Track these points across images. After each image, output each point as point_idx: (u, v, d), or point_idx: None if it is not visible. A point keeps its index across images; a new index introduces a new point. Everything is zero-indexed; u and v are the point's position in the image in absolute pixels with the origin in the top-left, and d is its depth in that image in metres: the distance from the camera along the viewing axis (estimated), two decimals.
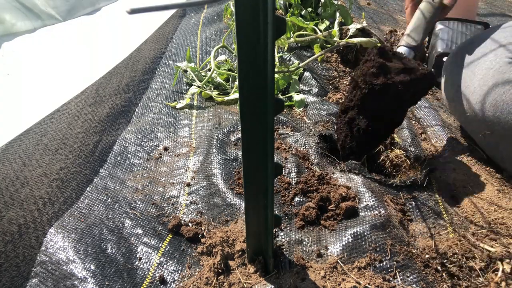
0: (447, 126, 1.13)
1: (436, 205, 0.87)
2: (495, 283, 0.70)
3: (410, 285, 0.68)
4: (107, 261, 0.78)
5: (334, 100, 1.28)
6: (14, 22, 1.89)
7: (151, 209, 0.91)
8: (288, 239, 0.79)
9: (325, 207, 0.85)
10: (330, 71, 1.42)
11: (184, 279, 0.75)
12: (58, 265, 0.78)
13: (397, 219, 0.82)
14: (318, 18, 1.59)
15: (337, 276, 0.70)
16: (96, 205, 0.93)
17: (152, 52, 1.67)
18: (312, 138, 1.06)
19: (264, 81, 0.48)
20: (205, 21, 1.96)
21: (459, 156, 1.02)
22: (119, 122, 1.25)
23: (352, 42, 1.33)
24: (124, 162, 1.08)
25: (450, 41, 1.38)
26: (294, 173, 0.93)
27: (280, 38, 1.36)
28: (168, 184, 1.00)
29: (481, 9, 2.16)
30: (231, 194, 0.92)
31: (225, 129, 1.14)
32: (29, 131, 1.16)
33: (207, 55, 1.64)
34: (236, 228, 0.82)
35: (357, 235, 0.76)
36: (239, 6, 0.42)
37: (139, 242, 0.82)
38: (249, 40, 0.44)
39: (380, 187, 0.91)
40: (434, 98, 1.32)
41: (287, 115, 1.21)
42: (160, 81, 1.49)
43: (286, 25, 1.45)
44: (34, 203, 0.91)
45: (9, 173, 0.99)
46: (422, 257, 0.74)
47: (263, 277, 0.71)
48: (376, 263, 0.71)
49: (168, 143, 1.15)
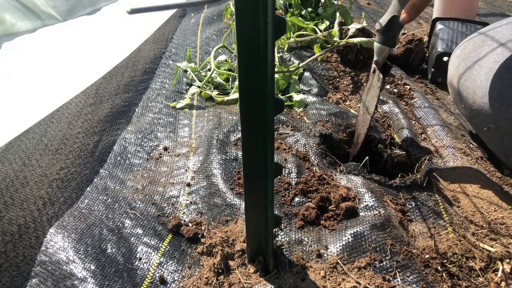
0: (447, 125, 1.13)
1: (436, 205, 0.87)
2: (495, 283, 0.70)
3: (410, 285, 0.68)
4: (107, 261, 0.78)
5: (334, 100, 1.28)
6: (14, 22, 1.89)
7: (151, 209, 0.91)
8: (288, 239, 0.79)
9: (325, 207, 0.85)
10: (330, 71, 1.42)
11: (184, 279, 0.75)
12: (58, 265, 0.77)
13: (397, 219, 0.82)
14: (318, 18, 1.59)
15: (337, 276, 0.70)
16: (96, 205, 0.93)
17: (152, 52, 1.67)
18: (313, 139, 1.06)
19: (264, 81, 0.48)
20: (205, 21, 1.96)
21: (459, 156, 1.02)
22: (119, 122, 1.25)
23: (352, 42, 1.33)
24: (124, 162, 1.08)
25: (450, 41, 1.38)
26: (294, 174, 0.93)
27: (280, 38, 1.36)
28: (168, 184, 1.00)
29: (481, 9, 2.16)
30: (231, 194, 0.92)
31: (225, 129, 1.14)
32: (29, 131, 1.16)
33: (207, 55, 1.64)
34: (236, 228, 0.82)
35: (357, 235, 0.76)
36: (239, 6, 0.42)
37: (139, 242, 0.82)
38: (249, 40, 0.44)
39: (380, 188, 0.91)
40: (434, 97, 1.32)
41: (287, 115, 1.21)
42: (160, 81, 1.49)
43: (286, 25, 1.45)
44: (34, 203, 0.91)
45: (9, 173, 0.99)
46: (422, 257, 0.74)
47: (263, 277, 0.71)
48: (376, 263, 0.71)
49: (168, 143, 1.15)
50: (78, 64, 1.61)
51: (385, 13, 0.92)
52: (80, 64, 1.61)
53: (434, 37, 1.46)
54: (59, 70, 1.58)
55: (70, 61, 1.65)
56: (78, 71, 1.55)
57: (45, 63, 1.64)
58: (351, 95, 1.31)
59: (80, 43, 1.81)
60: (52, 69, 1.58)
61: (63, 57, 1.68)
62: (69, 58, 1.67)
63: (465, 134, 1.12)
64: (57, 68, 1.59)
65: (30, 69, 1.59)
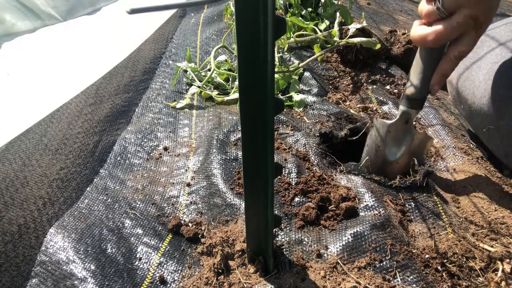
0: (447, 125, 1.13)
1: (436, 205, 0.87)
2: (495, 283, 0.70)
3: (410, 285, 0.68)
4: (107, 261, 0.78)
5: (334, 100, 1.28)
6: (14, 22, 1.89)
7: (151, 209, 0.91)
8: (288, 239, 0.79)
9: (325, 207, 0.85)
10: (330, 71, 1.42)
11: (184, 279, 0.75)
12: (58, 265, 0.78)
13: (397, 219, 0.82)
14: (318, 18, 1.59)
15: (337, 276, 0.70)
16: (96, 205, 0.93)
17: (152, 52, 1.67)
18: (313, 139, 1.06)
19: (264, 81, 0.48)
20: (205, 21, 1.95)
21: (459, 156, 1.02)
22: (119, 122, 1.25)
23: (352, 42, 1.33)
24: (124, 162, 1.08)
25: None
26: (294, 174, 0.93)
27: (280, 38, 1.36)
28: (168, 184, 1.00)
29: None
30: (231, 194, 0.92)
31: (225, 129, 1.14)
32: (29, 131, 1.16)
33: (207, 55, 1.64)
34: (236, 228, 0.82)
35: (357, 235, 0.76)
36: (239, 6, 0.42)
37: (139, 242, 0.82)
38: (249, 40, 0.44)
39: (380, 188, 0.91)
40: (434, 97, 1.32)
41: (287, 115, 1.21)
42: (160, 81, 1.49)
43: (286, 25, 1.45)
44: (34, 203, 0.91)
45: (9, 173, 0.99)
46: (422, 257, 0.74)
47: (263, 277, 0.71)
48: (376, 263, 0.71)
49: (168, 143, 1.15)
50: (78, 64, 1.61)
51: (411, 76, 0.84)
52: (80, 64, 1.61)
53: None
54: (59, 70, 1.58)
55: (70, 61, 1.65)
56: (78, 71, 1.55)
57: (45, 63, 1.64)
58: (351, 95, 1.31)
59: (80, 43, 1.81)
60: (52, 69, 1.58)
61: (63, 57, 1.68)
62: (69, 58, 1.67)
63: (465, 134, 1.12)
64: (57, 68, 1.59)
65: (30, 69, 1.59)
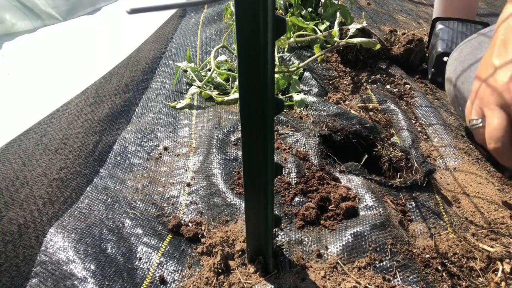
0: (447, 125, 1.13)
1: (436, 205, 0.87)
2: (495, 283, 0.70)
3: (410, 284, 0.68)
4: (107, 261, 0.78)
5: (334, 100, 1.28)
6: (14, 22, 1.89)
7: (151, 209, 0.91)
8: (288, 239, 0.79)
9: (325, 207, 0.85)
10: (330, 71, 1.42)
11: (184, 279, 0.75)
12: (58, 265, 0.77)
13: (397, 219, 0.82)
14: (318, 18, 1.59)
15: (337, 276, 0.70)
16: (96, 205, 0.93)
17: (152, 52, 1.67)
18: (313, 139, 1.06)
19: (264, 81, 0.48)
20: (205, 21, 1.95)
21: (459, 156, 1.02)
22: (119, 122, 1.25)
23: (352, 42, 1.33)
24: (124, 162, 1.08)
25: (450, 41, 1.38)
26: (294, 174, 0.93)
27: (280, 38, 1.36)
28: (168, 184, 1.00)
29: (481, 9, 2.16)
30: (231, 194, 0.92)
31: (225, 129, 1.13)
32: (29, 131, 1.16)
33: (207, 55, 1.64)
34: (236, 228, 0.82)
35: (357, 235, 0.76)
36: (239, 6, 0.42)
37: (139, 242, 0.82)
38: (249, 40, 0.44)
39: (380, 188, 0.91)
40: (434, 97, 1.32)
41: (287, 115, 1.21)
42: (160, 81, 1.49)
43: (286, 25, 1.45)
44: (34, 203, 0.91)
45: (9, 173, 0.99)
46: (422, 257, 0.74)
47: (263, 277, 0.71)
48: (376, 262, 0.71)
49: (168, 143, 1.15)
50: (78, 64, 1.61)
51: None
52: (80, 63, 1.61)
53: (434, 37, 1.46)
54: (59, 70, 1.58)
55: (70, 61, 1.65)
56: (78, 71, 1.55)
57: (45, 63, 1.64)
58: (351, 95, 1.31)
59: (80, 43, 1.81)
60: (52, 69, 1.58)
61: (63, 57, 1.68)
62: (69, 58, 1.67)
63: (465, 134, 1.12)
64: (57, 68, 1.59)
65: (30, 69, 1.59)
